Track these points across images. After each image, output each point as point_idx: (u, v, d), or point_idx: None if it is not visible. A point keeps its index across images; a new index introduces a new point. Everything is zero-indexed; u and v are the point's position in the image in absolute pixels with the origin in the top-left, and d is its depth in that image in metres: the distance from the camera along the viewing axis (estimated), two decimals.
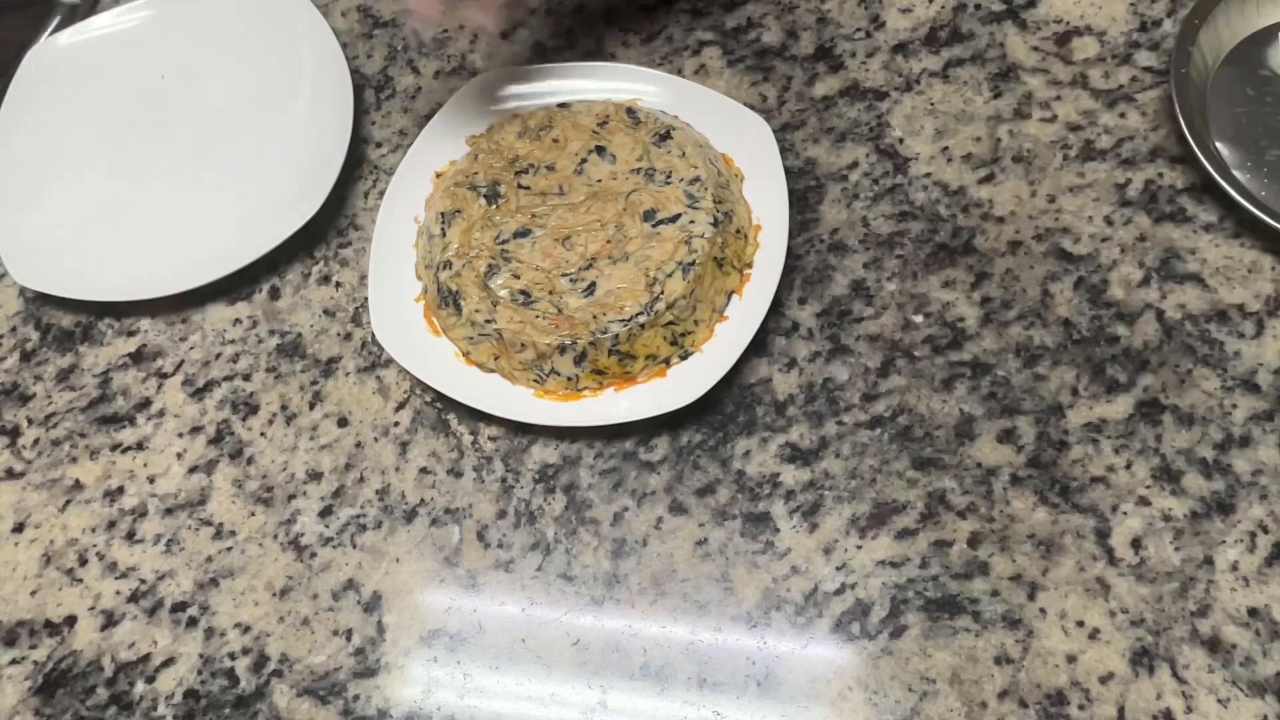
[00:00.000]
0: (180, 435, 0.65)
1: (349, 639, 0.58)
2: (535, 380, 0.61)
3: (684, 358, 0.61)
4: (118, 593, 0.61)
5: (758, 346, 0.62)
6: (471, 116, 0.69)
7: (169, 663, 0.59)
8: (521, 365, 0.61)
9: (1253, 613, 0.52)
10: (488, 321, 0.61)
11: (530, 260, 0.62)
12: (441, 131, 0.69)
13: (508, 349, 0.61)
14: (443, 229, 0.64)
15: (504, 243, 0.63)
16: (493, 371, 0.62)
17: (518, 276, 0.62)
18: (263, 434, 0.64)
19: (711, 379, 0.59)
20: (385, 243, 0.66)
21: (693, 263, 0.60)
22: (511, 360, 0.61)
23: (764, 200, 0.64)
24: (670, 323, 0.60)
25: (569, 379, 0.61)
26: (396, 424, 0.63)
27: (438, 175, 0.68)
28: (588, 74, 0.64)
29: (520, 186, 0.65)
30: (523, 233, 0.63)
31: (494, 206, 0.64)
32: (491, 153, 0.67)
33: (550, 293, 0.61)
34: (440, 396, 0.63)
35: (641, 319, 0.59)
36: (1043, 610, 0.54)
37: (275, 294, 0.68)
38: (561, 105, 0.68)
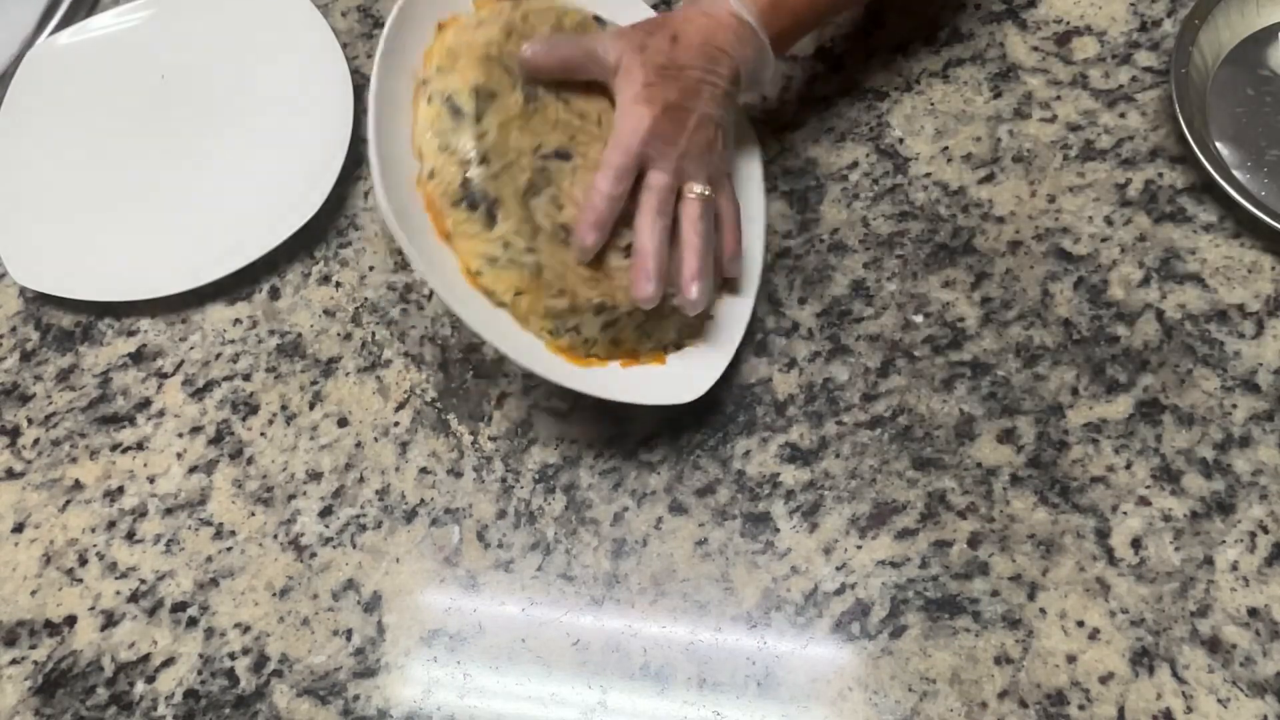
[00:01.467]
0: (180, 435, 0.65)
1: (349, 639, 0.58)
2: (550, 332, 0.54)
3: (678, 348, 0.60)
4: (118, 593, 0.61)
5: (758, 347, 0.62)
6: None
7: (169, 663, 0.59)
8: (545, 312, 0.54)
9: (1253, 613, 0.52)
10: (528, 250, 0.52)
11: (572, 193, 0.53)
12: None
13: (541, 289, 0.52)
14: (477, 110, 0.52)
15: (545, 158, 0.53)
16: (502, 306, 0.53)
17: (560, 207, 0.53)
18: (263, 434, 0.64)
19: (712, 376, 0.59)
20: (386, 103, 0.54)
21: None
22: (538, 302, 0.53)
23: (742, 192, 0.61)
24: None
25: (586, 340, 0.55)
26: (396, 424, 0.63)
27: (440, 26, 0.57)
28: None
29: (559, 97, 0.55)
30: (564, 154, 0.54)
31: (531, 107, 0.54)
32: (523, 29, 0.55)
33: None
34: (440, 396, 0.63)
35: (677, 300, 0.55)
36: (1043, 610, 0.54)
37: (275, 294, 0.68)
38: (598, 19, 0.59)
